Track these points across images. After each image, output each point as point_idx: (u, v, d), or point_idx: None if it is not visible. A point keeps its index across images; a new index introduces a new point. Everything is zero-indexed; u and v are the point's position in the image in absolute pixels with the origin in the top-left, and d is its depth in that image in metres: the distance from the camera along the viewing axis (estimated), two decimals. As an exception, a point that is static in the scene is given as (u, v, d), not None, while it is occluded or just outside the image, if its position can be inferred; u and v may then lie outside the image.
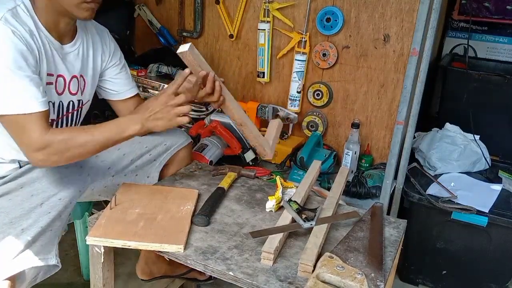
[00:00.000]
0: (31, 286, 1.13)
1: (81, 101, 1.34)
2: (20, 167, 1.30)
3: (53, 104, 1.24)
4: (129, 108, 1.44)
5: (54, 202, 1.18)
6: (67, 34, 1.25)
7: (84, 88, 1.34)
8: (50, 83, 1.21)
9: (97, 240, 1.05)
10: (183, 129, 1.98)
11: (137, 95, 1.48)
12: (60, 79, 1.24)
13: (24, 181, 1.22)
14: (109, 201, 1.27)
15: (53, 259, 1.08)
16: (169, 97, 1.20)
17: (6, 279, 1.00)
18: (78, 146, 1.13)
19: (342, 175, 1.42)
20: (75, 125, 1.35)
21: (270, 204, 1.23)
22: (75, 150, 1.13)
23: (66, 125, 1.32)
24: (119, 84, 1.43)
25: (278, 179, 1.31)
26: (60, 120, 1.29)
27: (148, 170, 1.43)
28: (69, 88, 1.28)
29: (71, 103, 1.30)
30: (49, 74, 1.20)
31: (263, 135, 1.36)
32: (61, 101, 1.26)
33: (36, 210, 1.14)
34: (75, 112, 1.33)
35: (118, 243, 1.05)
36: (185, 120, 1.21)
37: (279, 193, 1.24)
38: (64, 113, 1.29)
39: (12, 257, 1.02)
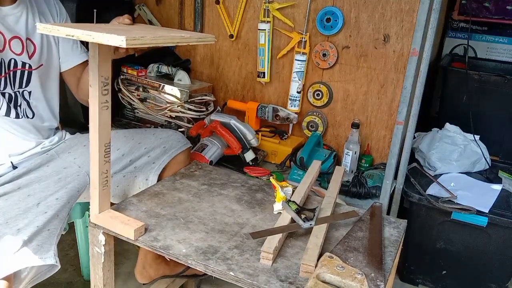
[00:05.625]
0: (31, 287, 1.13)
1: (28, 64, 1.33)
2: (13, 167, 1.30)
3: None
4: (77, 76, 1.45)
5: (51, 201, 1.18)
6: None
7: (33, 53, 1.34)
8: None
9: (46, 28, 0.93)
10: (182, 129, 1.99)
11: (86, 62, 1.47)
12: None
13: (22, 183, 1.22)
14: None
15: (52, 259, 1.08)
16: None
17: (3, 278, 0.99)
18: None
19: (338, 174, 1.43)
20: (20, 88, 1.33)
21: (279, 206, 1.23)
22: None
23: (10, 84, 1.30)
24: (65, 51, 1.43)
25: (272, 180, 1.30)
26: (3, 78, 1.28)
27: (147, 173, 1.43)
28: (10, 46, 1.28)
29: (12, 61, 1.29)
30: None
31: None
32: (2, 58, 1.26)
33: (33, 210, 1.13)
34: (19, 72, 1.32)
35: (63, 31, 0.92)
36: None
37: (280, 193, 1.24)
38: (6, 70, 1.28)
39: (8, 257, 1.02)
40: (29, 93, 1.36)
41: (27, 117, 1.36)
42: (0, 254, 1.02)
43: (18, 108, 1.33)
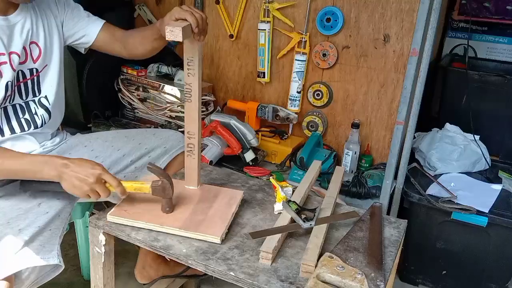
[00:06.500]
0: (35, 288, 1.13)
1: (34, 69, 1.30)
2: None
3: (11, 82, 1.22)
4: (107, 39, 1.44)
5: (53, 202, 1.18)
6: (8, 5, 1.22)
7: (39, 56, 1.31)
8: (4, 63, 1.19)
9: None
10: (182, 129, 1.99)
11: (105, 24, 1.45)
12: (14, 55, 1.22)
13: (23, 183, 1.22)
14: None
15: (55, 259, 1.08)
16: (104, 170, 1.11)
17: (3, 279, 0.99)
18: None
19: (338, 174, 1.43)
20: (33, 95, 1.31)
21: (279, 206, 1.23)
22: None
23: (23, 95, 1.29)
24: (84, 28, 1.41)
25: (272, 180, 1.30)
26: (13, 93, 1.25)
27: (148, 173, 1.43)
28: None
29: (20, 72, 1.27)
30: (0, 54, 1.18)
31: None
32: (14, 76, 1.24)
33: (34, 210, 1.13)
34: (29, 81, 1.30)
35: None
36: (93, 198, 1.11)
37: (280, 193, 1.24)
38: (15, 84, 1.26)
39: (9, 257, 1.02)
40: (45, 97, 1.35)
41: (45, 123, 1.35)
42: (1, 254, 1.02)
43: (35, 116, 1.32)
